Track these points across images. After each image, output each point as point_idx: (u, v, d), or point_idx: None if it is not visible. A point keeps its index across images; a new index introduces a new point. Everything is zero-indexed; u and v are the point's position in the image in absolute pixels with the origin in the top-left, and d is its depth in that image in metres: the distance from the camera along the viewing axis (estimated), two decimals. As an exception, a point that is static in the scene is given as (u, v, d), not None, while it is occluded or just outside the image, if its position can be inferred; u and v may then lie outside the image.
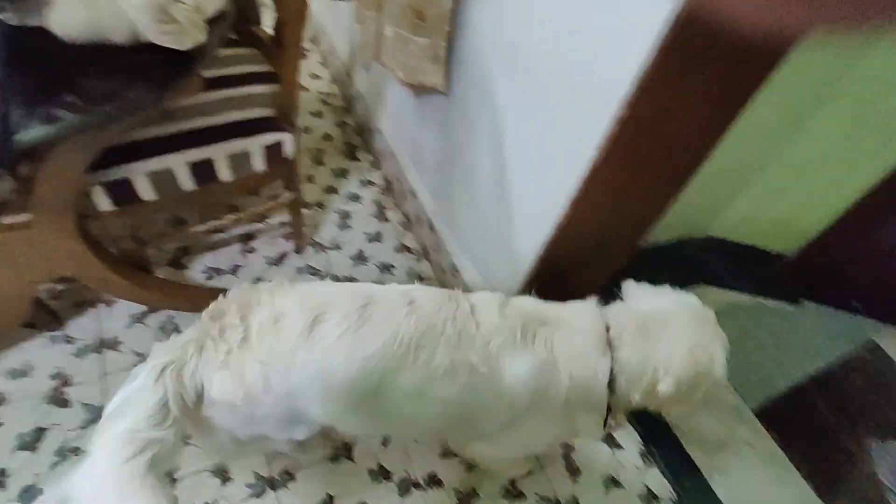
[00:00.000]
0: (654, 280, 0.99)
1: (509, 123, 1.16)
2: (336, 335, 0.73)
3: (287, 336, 0.73)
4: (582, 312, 0.88)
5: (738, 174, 1.66)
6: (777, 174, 1.66)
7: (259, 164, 1.26)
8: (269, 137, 1.24)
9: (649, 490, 1.39)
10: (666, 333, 0.83)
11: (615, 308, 0.91)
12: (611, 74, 0.84)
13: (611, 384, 0.83)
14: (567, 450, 1.41)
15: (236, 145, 1.20)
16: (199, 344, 0.74)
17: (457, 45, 1.27)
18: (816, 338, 1.93)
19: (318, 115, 2.13)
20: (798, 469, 1.57)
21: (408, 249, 1.75)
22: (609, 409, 0.87)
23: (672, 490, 1.41)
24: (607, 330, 0.85)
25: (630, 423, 1.51)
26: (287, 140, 1.27)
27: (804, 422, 1.71)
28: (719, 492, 1.45)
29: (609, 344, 0.83)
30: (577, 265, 1.27)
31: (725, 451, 1.54)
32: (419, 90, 1.50)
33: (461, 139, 1.37)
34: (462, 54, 1.27)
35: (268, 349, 0.73)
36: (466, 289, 1.47)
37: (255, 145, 1.23)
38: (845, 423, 1.73)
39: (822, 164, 1.63)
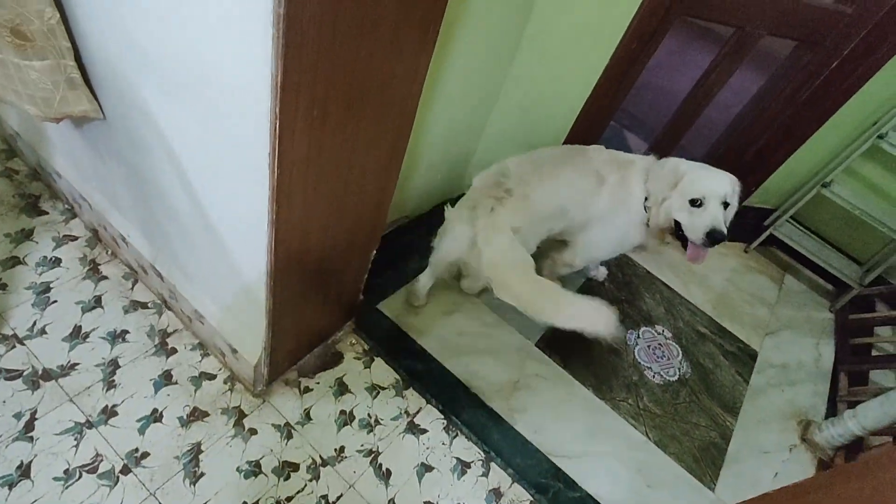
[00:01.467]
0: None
1: (176, 137, 0.98)
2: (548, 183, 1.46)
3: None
4: (637, 179, 1.57)
5: (469, 126, 1.74)
6: (500, 120, 1.78)
7: None
8: None
9: (459, 460, 1.42)
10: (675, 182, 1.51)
11: (650, 169, 1.57)
12: (246, 59, 0.73)
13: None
14: (373, 455, 1.35)
15: None
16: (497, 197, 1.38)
17: (91, 60, 1.04)
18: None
19: (-31, 170, 1.63)
20: (581, 382, 1.76)
21: (142, 305, 1.46)
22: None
23: (480, 450, 1.46)
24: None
25: (430, 402, 1.51)
26: None
27: (578, 339, 1.92)
28: (521, 429, 1.54)
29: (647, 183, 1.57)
30: (320, 273, 1.18)
31: (520, 390, 1.65)
32: (78, 121, 1.22)
33: (142, 166, 1.14)
34: (98, 69, 1.04)
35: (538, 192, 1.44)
36: (217, 334, 1.29)
37: None
38: (608, 324, 1.99)
39: (542, 91, 1.76)
